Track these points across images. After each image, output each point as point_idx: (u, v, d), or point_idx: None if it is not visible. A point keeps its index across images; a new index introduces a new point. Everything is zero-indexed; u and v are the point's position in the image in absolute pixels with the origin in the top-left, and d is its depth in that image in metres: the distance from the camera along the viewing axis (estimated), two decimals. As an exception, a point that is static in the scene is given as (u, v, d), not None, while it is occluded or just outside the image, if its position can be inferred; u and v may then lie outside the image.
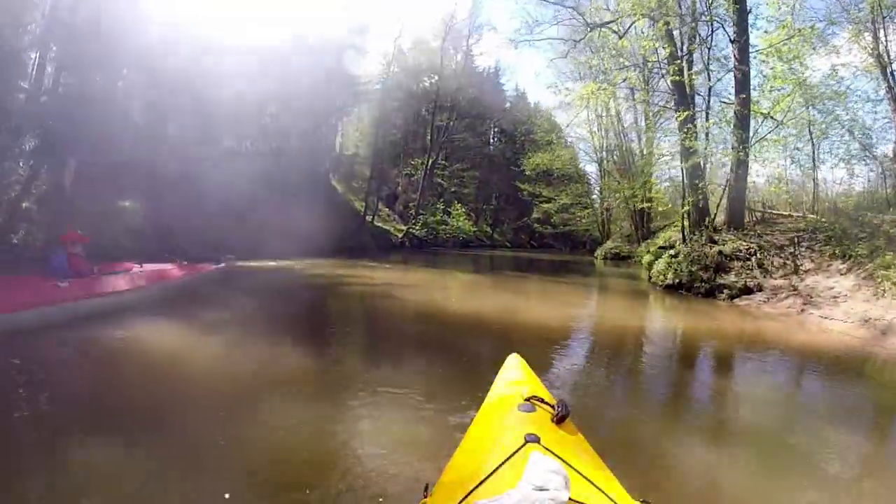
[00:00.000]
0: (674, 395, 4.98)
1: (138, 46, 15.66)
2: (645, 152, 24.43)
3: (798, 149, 17.37)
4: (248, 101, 27.49)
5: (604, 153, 29.46)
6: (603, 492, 1.35)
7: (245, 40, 26.37)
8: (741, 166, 13.27)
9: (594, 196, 33.78)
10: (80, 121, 12.88)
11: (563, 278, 16.92)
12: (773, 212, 16.79)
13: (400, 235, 31.51)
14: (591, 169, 33.94)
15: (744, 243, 11.84)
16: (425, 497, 1.54)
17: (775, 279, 10.89)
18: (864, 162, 16.57)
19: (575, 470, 1.38)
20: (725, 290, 10.90)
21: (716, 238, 12.30)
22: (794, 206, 18.06)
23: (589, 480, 1.38)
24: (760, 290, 10.68)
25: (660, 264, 12.93)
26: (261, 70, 26.70)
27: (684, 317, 9.46)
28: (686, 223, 14.48)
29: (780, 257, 11.49)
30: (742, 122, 13.22)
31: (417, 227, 31.62)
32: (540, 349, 5.90)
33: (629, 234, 28.47)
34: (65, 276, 5.73)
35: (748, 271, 11.10)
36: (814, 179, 17.70)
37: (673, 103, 14.89)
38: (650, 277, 13.38)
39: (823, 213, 16.76)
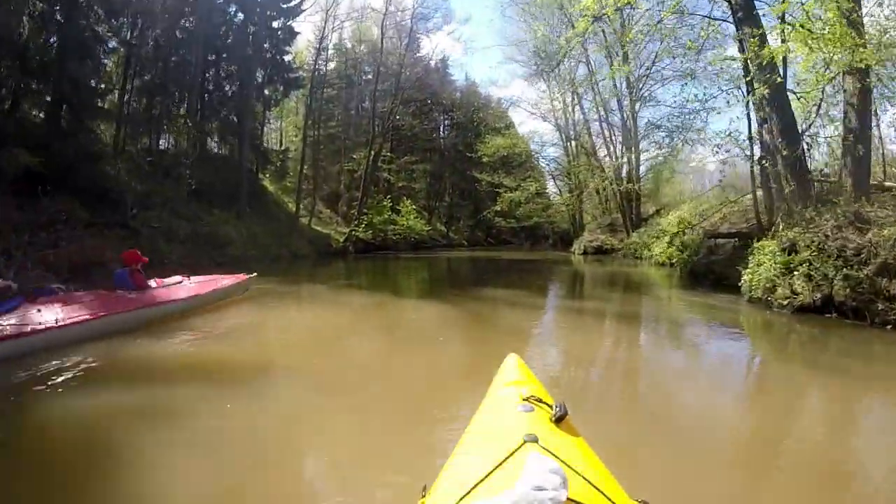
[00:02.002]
0: None
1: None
2: (630, 120, 18.72)
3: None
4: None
5: (573, 130, 23.76)
6: (601, 492, 1.24)
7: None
8: (864, 96, 7.60)
9: (562, 183, 27.82)
10: None
11: (566, 298, 10.13)
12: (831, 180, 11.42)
13: (342, 239, 24.88)
14: (552, 152, 28.24)
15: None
16: (423, 497, 1.38)
17: None
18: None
19: (573, 470, 1.27)
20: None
21: (864, 215, 6.50)
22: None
23: (587, 480, 1.26)
24: None
25: (764, 269, 6.94)
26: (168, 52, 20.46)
27: None
28: (760, 194, 8.75)
29: None
30: (857, 30, 7.55)
31: (361, 229, 25.04)
32: None
33: (609, 223, 22.87)
34: (129, 289, 5.86)
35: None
36: (879, 136, 12.43)
37: (733, 18, 9.01)
38: (750, 291, 7.32)
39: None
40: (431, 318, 7.10)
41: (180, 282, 6.71)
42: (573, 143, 24.27)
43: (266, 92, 26.73)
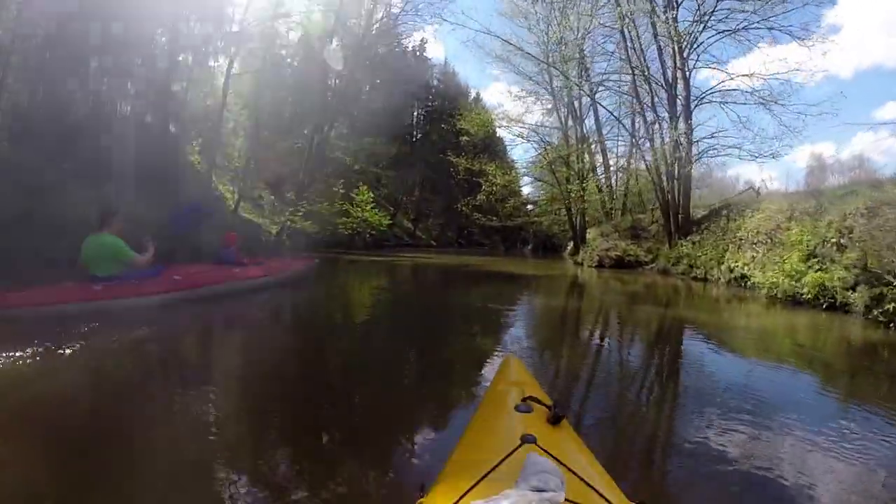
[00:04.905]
0: None
1: None
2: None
3: None
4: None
5: (578, 100, 17.27)
6: (599, 493, 1.15)
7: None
8: None
9: (560, 173, 20.97)
10: None
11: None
12: None
13: (274, 232, 17.74)
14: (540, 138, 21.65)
15: None
16: (421, 496, 1.27)
17: None
18: None
19: (571, 471, 1.20)
20: None
21: None
22: None
23: (585, 481, 1.19)
24: None
25: None
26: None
27: None
28: None
29: None
30: None
31: (298, 219, 17.95)
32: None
33: (631, 225, 16.41)
34: (234, 265, 6.97)
35: None
36: None
37: None
38: None
39: None
40: None
41: (260, 262, 7.89)
42: (577, 125, 17.78)
43: (205, 49, 19.58)
